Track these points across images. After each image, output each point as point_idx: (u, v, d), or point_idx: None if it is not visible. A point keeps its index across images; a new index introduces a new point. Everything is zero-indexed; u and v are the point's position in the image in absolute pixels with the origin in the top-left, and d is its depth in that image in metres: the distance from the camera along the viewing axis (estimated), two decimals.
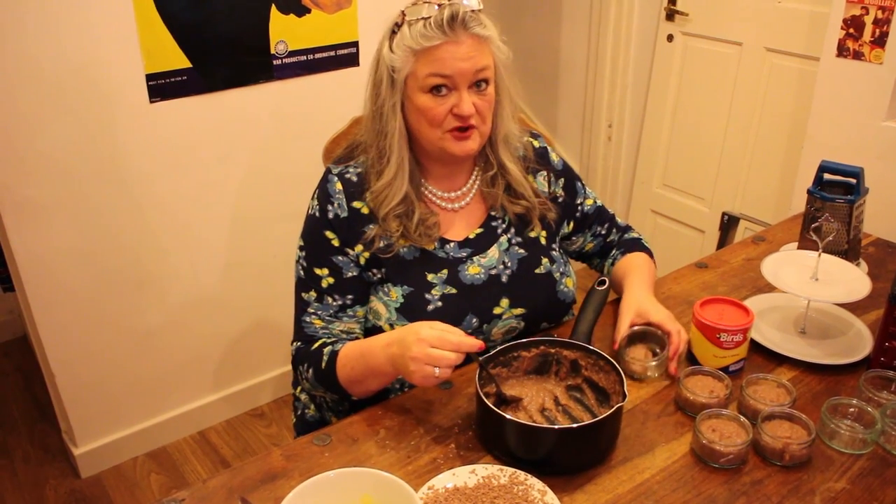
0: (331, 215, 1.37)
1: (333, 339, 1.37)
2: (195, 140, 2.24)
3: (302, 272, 1.41)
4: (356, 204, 1.37)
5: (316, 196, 1.41)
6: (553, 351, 1.29)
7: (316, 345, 1.36)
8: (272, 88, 2.31)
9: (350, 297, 1.39)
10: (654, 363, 1.33)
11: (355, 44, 2.42)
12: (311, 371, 1.34)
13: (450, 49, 1.26)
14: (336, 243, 1.37)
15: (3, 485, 2.38)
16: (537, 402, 1.25)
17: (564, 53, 3.49)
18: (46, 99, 1.96)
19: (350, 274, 1.38)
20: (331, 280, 1.38)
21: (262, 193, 2.43)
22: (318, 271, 1.38)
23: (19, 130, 1.95)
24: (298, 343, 1.40)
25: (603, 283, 1.39)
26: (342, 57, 2.41)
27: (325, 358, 1.32)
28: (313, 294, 1.39)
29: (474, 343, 1.15)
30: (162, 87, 2.11)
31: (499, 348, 1.25)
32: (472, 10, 1.28)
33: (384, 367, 1.23)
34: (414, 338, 1.15)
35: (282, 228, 2.44)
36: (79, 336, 2.24)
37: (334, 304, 1.38)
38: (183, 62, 2.12)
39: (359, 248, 1.37)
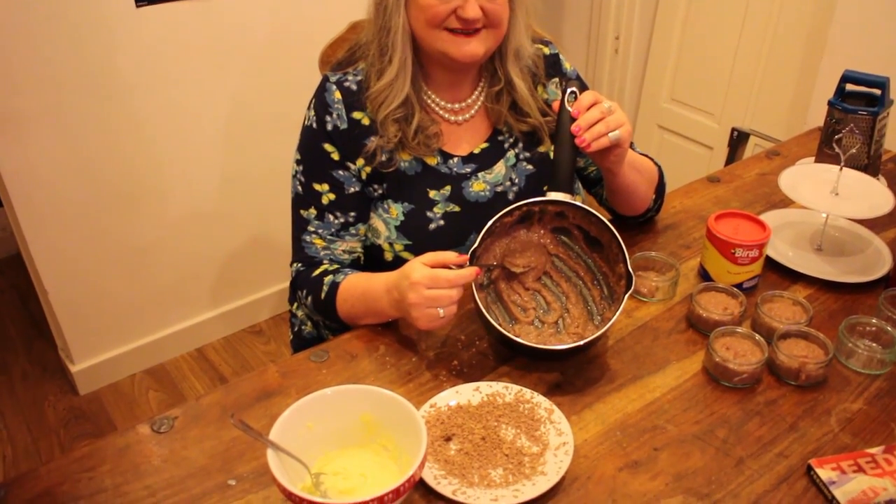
0: (329, 127, 1.29)
1: (335, 267, 1.31)
2: (185, 47, 2.14)
3: (300, 187, 1.34)
4: (356, 115, 1.29)
5: (312, 106, 1.33)
6: (537, 209, 1.20)
7: (317, 271, 1.30)
8: None
9: (352, 214, 1.32)
10: (660, 284, 1.27)
11: None
12: (310, 299, 1.29)
13: None
14: (336, 157, 1.30)
15: (2, 402, 2.37)
16: (535, 272, 1.22)
17: None
18: (29, 5, 1.85)
19: (352, 189, 1.31)
20: (331, 196, 1.31)
21: (257, 103, 2.35)
22: (317, 187, 1.31)
23: (1, 39, 1.85)
24: (298, 265, 1.34)
25: (574, 94, 1.20)
26: None
27: (325, 288, 1.26)
28: (313, 211, 1.32)
29: (470, 273, 1.08)
30: None
31: (484, 229, 1.15)
32: None
33: (388, 311, 1.18)
34: (407, 283, 1.09)
35: (279, 139, 2.36)
36: (72, 252, 2.19)
37: (336, 221, 1.32)
38: None
39: (360, 161, 1.30)
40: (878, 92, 1.55)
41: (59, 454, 2.21)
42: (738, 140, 2.68)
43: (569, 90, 1.19)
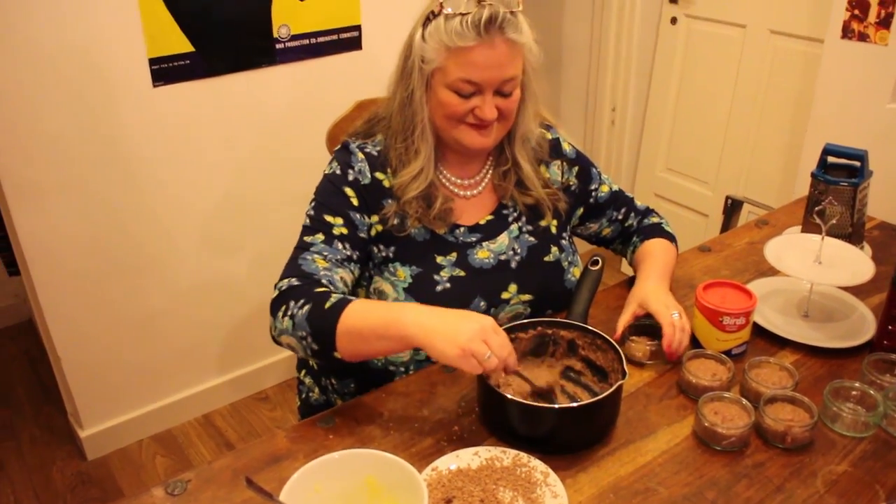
0: (351, 177, 1.36)
1: (340, 292, 1.25)
2: (198, 124, 2.24)
3: (308, 220, 1.35)
4: (378, 175, 1.37)
5: (335, 159, 1.40)
6: (550, 332, 1.29)
7: (321, 289, 1.23)
8: (275, 72, 2.31)
9: (357, 253, 1.34)
10: (654, 348, 1.33)
11: (358, 27, 2.41)
12: (305, 308, 1.19)
13: (483, 53, 1.24)
14: (355, 202, 1.35)
15: (10, 466, 2.40)
16: (538, 383, 1.26)
17: (567, 36, 3.48)
18: (50, 83, 1.95)
19: (362, 235, 1.36)
20: (343, 230, 1.33)
21: (264, 178, 2.43)
22: (329, 219, 1.33)
23: (23, 114, 1.95)
24: (292, 279, 1.26)
25: (596, 262, 1.38)
26: (345, 41, 2.40)
27: (331, 300, 1.18)
28: (320, 236, 1.31)
29: (513, 365, 1.12)
30: (165, 71, 2.11)
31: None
32: (512, 11, 1.25)
33: (407, 340, 1.12)
34: (477, 322, 1.08)
35: (285, 213, 2.44)
36: (84, 320, 2.25)
37: (343, 251, 1.32)
38: (186, 46, 2.11)
39: (374, 218, 1.37)
40: (857, 164, 1.63)
41: None
42: (732, 208, 2.75)
43: (592, 258, 1.39)
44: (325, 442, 1.16)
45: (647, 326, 1.37)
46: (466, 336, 1.06)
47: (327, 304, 1.17)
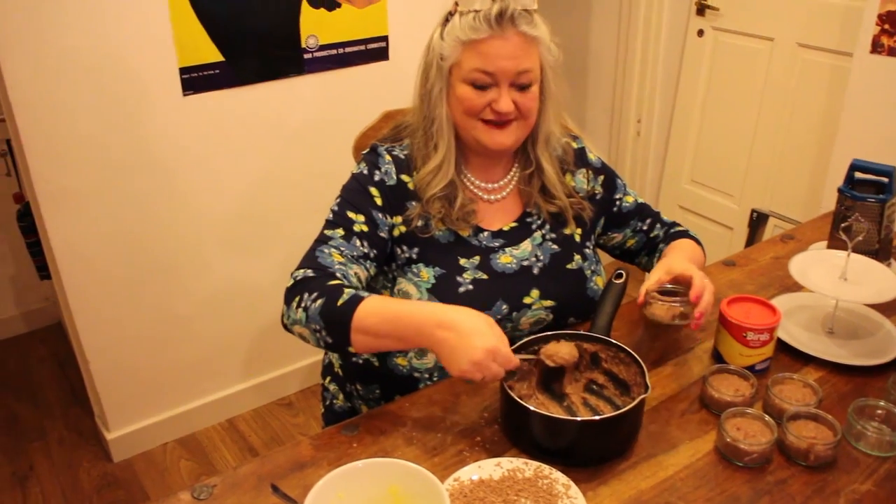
0: (377, 178, 1.39)
1: (353, 287, 1.24)
2: (226, 133, 2.28)
3: (331, 215, 1.38)
4: (404, 177, 1.40)
5: (364, 160, 1.44)
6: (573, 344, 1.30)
7: (335, 282, 1.24)
8: (303, 82, 2.34)
9: (375, 252, 1.36)
10: (678, 309, 1.32)
11: (385, 38, 2.43)
12: (318, 302, 1.20)
13: (496, 44, 1.28)
14: (379, 202, 1.38)
15: (39, 466, 2.44)
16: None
17: (594, 48, 3.48)
18: (82, 91, 2.00)
19: (382, 234, 1.38)
20: (364, 228, 1.36)
21: (290, 186, 2.46)
22: (351, 215, 1.36)
23: (57, 122, 1.99)
24: (307, 270, 1.27)
25: (620, 275, 1.39)
26: (372, 51, 2.42)
27: (345, 296, 1.19)
28: (340, 231, 1.34)
29: (515, 363, 1.16)
30: (195, 80, 2.14)
31: (519, 343, 1.26)
32: (525, 9, 1.29)
33: (418, 342, 1.16)
34: (483, 344, 1.10)
35: (310, 221, 2.43)
36: (112, 323, 2.29)
37: (360, 248, 1.34)
38: (215, 56, 2.15)
39: (398, 219, 1.39)
40: (885, 180, 1.62)
41: None
42: (757, 221, 2.74)
43: (616, 271, 1.38)
44: (348, 450, 1.17)
45: (671, 291, 1.35)
46: (478, 355, 1.10)
47: (340, 301, 1.19)
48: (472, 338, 1.10)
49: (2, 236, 2.99)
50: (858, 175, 1.64)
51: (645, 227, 1.60)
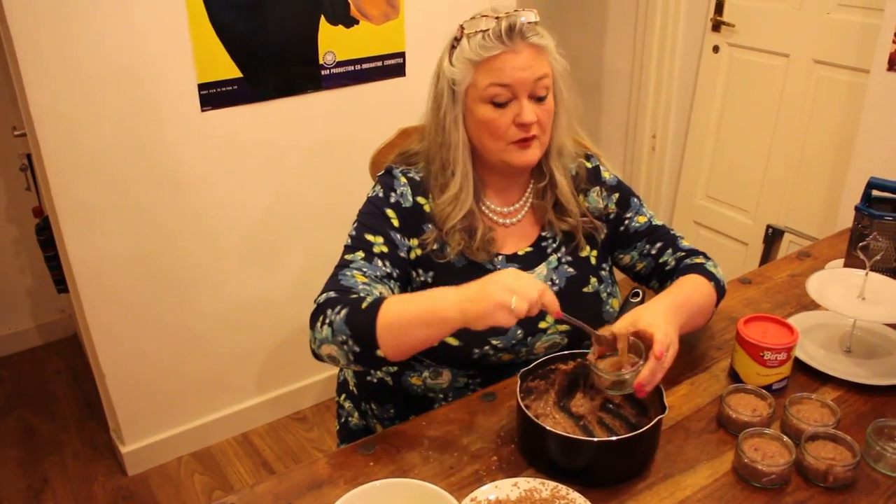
0: (393, 200, 1.40)
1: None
2: (244, 148, 2.29)
3: (350, 240, 1.37)
4: (420, 199, 1.40)
5: (379, 183, 1.43)
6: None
7: (355, 295, 1.24)
8: (320, 98, 2.36)
9: (397, 271, 1.36)
10: (618, 377, 1.18)
11: (402, 54, 2.45)
12: (342, 312, 1.19)
13: (508, 58, 1.29)
14: (396, 223, 1.38)
15: (54, 479, 2.45)
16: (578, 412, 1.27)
17: (609, 63, 3.49)
18: (102, 107, 2.02)
19: (402, 254, 1.38)
20: (384, 249, 1.35)
21: (307, 201, 2.48)
22: (370, 237, 1.36)
23: (75, 137, 2.01)
24: (330, 293, 1.26)
25: (637, 294, 1.39)
26: (389, 67, 2.44)
27: (367, 301, 1.19)
28: (361, 254, 1.34)
29: (551, 303, 1.13)
30: (213, 96, 2.16)
31: (536, 362, 1.26)
32: (530, 22, 1.30)
33: (445, 312, 1.13)
34: (504, 276, 1.11)
35: (326, 236, 2.47)
36: (128, 337, 2.30)
37: (383, 268, 1.34)
38: (234, 72, 2.17)
39: (414, 241, 1.39)
40: None
41: None
42: (773, 237, 2.73)
43: (633, 290, 1.36)
44: (365, 469, 1.17)
45: (633, 345, 1.21)
46: (496, 296, 1.08)
47: (364, 305, 1.19)
48: (486, 284, 1.11)
49: (21, 249, 3.02)
50: (876, 193, 1.64)
51: (654, 252, 1.50)
